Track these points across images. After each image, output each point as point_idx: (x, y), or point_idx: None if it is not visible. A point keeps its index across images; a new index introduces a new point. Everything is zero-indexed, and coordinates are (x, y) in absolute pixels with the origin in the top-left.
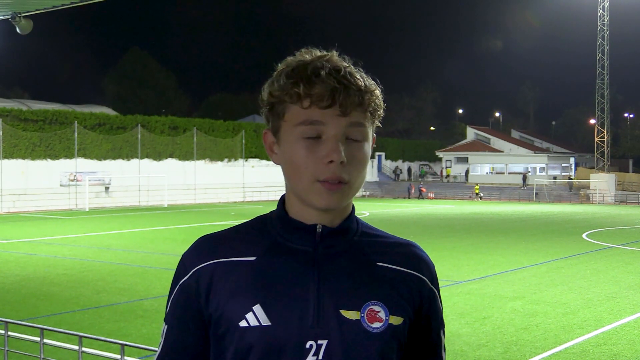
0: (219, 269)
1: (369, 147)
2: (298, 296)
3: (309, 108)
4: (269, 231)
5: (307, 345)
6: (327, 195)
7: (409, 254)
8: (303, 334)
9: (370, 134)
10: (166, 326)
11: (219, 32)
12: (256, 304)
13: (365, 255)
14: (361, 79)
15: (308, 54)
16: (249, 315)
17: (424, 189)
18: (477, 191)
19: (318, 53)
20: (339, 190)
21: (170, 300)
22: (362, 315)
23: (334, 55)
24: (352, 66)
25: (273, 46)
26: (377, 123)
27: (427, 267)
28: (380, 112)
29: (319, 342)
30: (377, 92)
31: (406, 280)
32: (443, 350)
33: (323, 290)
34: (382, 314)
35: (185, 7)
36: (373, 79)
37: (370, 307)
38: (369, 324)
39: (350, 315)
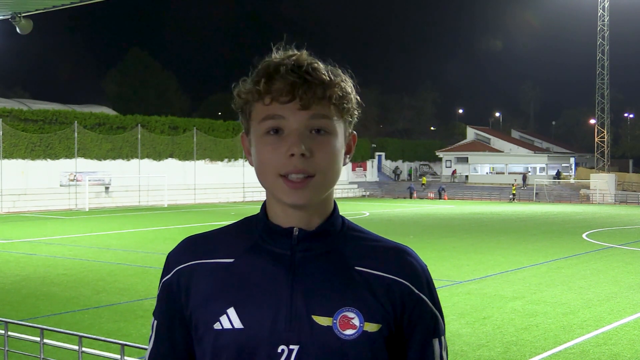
0: (197, 270)
1: (337, 141)
2: (271, 300)
3: (270, 104)
4: (251, 233)
5: (279, 350)
6: (292, 192)
7: (394, 258)
8: (275, 338)
9: (341, 129)
10: (155, 321)
11: (219, 33)
12: (230, 306)
13: (344, 259)
14: (326, 74)
15: (279, 54)
16: (223, 318)
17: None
18: (514, 191)
19: (290, 52)
20: (306, 185)
21: (157, 296)
22: (335, 321)
23: (304, 54)
24: (320, 63)
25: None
26: (349, 118)
27: (413, 273)
28: (350, 106)
29: (291, 347)
30: (344, 85)
31: (386, 286)
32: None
33: (296, 294)
34: (356, 321)
35: (185, 8)
36: (350, 76)
37: (343, 314)
38: (341, 330)
39: (322, 321)
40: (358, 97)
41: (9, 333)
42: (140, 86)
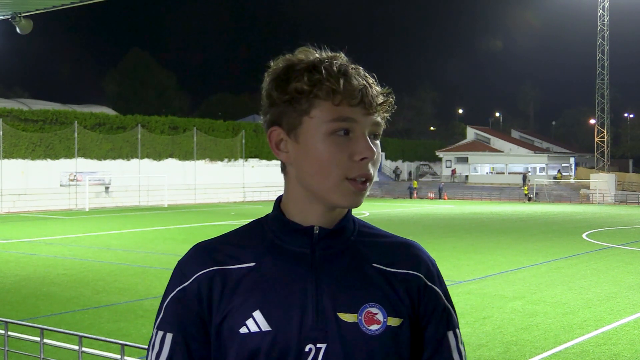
0: (218, 277)
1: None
2: (297, 300)
3: (339, 105)
4: (265, 234)
5: (307, 349)
6: (354, 194)
7: (406, 253)
8: (302, 337)
9: None
10: (165, 333)
11: (219, 32)
12: (256, 309)
13: (362, 256)
14: (377, 82)
15: (309, 54)
16: (249, 322)
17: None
18: (526, 192)
19: (322, 53)
20: (365, 189)
21: (166, 307)
22: (360, 317)
23: (343, 56)
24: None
25: (273, 46)
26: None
27: (425, 266)
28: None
29: (318, 345)
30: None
31: (403, 280)
32: (456, 353)
33: (321, 292)
34: (379, 316)
35: (185, 7)
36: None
37: (367, 310)
38: (366, 326)
39: (348, 317)
40: None
41: (9, 333)
42: (140, 86)
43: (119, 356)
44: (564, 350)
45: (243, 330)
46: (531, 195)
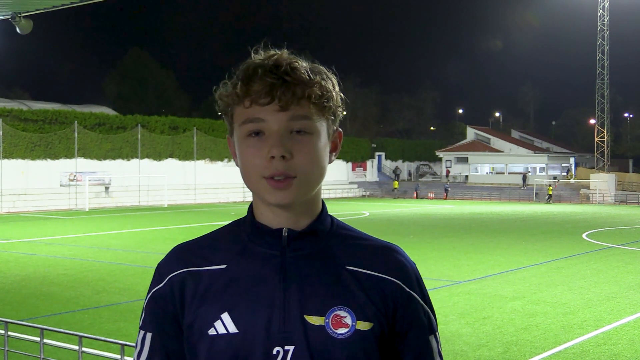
0: (190, 278)
1: (320, 140)
2: (265, 302)
3: (250, 107)
4: (240, 236)
5: (274, 352)
6: (274, 191)
7: (384, 257)
8: (270, 340)
9: (323, 127)
10: (145, 333)
11: (219, 32)
12: (224, 311)
13: (334, 258)
14: (305, 73)
15: (260, 55)
16: (217, 324)
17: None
18: (550, 192)
19: (270, 52)
20: (288, 186)
21: (145, 307)
22: (327, 320)
23: (284, 53)
24: (300, 61)
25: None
26: (332, 116)
27: (404, 271)
28: (331, 104)
29: (286, 348)
30: (324, 83)
31: (377, 284)
32: (438, 356)
33: (289, 295)
34: (348, 320)
35: (185, 8)
36: (333, 73)
37: (335, 313)
38: (333, 329)
39: (315, 320)
40: (342, 95)
41: (9, 333)
42: (140, 86)
43: (119, 356)
44: (564, 350)
45: (211, 332)
46: (551, 197)
